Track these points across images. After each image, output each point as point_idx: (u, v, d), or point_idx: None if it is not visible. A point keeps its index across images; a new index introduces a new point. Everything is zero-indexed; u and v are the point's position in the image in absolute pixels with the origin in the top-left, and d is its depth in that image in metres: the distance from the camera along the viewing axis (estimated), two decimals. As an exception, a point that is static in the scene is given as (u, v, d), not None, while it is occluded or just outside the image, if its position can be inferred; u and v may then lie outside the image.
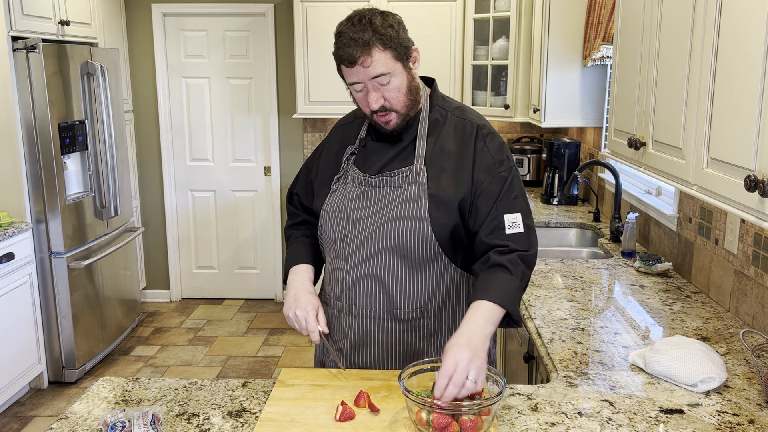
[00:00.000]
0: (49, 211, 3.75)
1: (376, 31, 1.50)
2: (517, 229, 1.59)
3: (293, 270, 1.75)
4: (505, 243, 1.57)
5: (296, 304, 1.66)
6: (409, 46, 1.58)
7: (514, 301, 1.53)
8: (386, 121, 1.61)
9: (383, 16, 1.54)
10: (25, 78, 3.59)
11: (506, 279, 1.53)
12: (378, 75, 1.53)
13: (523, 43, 4.01)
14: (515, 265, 1.55)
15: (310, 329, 1.64)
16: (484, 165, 1.62)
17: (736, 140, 1.40)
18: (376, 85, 1.55)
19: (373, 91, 1.56)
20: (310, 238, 1.83)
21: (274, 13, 4.95)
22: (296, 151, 5.15)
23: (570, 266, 2.67)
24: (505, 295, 1.51)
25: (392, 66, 1.54)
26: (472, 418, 1.34)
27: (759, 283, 1.99)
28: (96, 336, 4.14)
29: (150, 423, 1.36)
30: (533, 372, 2.12)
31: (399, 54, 1.54)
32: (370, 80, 1.54)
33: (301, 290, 1.69)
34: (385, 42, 1.51)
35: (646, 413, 1.50)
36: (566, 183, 3.56)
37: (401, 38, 1.55)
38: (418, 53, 1.62)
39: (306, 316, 1.64)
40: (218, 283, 5.41)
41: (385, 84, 1.55)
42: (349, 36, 1.51)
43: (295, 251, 1.79)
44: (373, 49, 1.50)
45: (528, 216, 1.63)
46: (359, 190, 1.67)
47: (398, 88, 1.56)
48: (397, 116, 1.60)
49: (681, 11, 1.71)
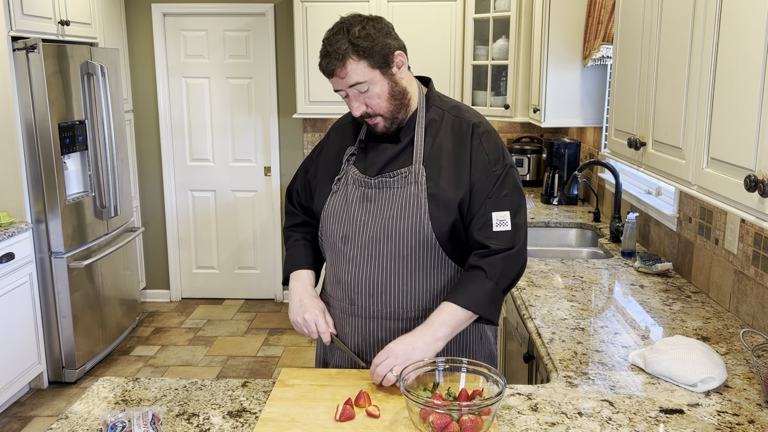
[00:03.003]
0: (49, 211, 3.75)
1: (351, 41, 1.54)
2: (504, 227, 1.61)
3: (294, 275, 1.78)
4: (490, 241, 1.61)
5: (303, 308, 1.69)
6: (390, 52, 1.59)
7: (485, 303, 1.58)
8: (374, 124, 1.66)
9: (363, 25, 1.56)
10: (25, 78, 3.59)
11: (479, 282, 1.59)
12: (354, 84, 1.57)
13: (523, 43, 4.01)
14: (493, 267, 1.59)
15: (321, 331, 1.67)
16: (480, 163, 1.63)
17: (736, 140, 1.40)
18: (356, 93, 1.59)
19: (353, 100, 1.61)
20: (310, 241, 1.84)
21: (274, 13, 4.95)
22: (296, 151, 5.15)
23: (570, 266, 2.67)
24: (472, 298, 1.57)
25: (369, 74, 1.57)
26: (472, 418, 1.34)
27: (759, 283, 1.99)
28: (96, 336, 4.14)
29: (150, 423, 1.36)
30: (533, 372, 2.12)
31: (376, 62, 1.57)
32: (348, 88, 1.59)
33: (306, 295, 1.72)
34: (359, 52, 1.55)
35: (646, 413, 1.50)
36: (566, 183, 3.56)
37: (379, 46, 1.56)
38: (404, 57, 1.63)
39: (315, 319, 1.67)
40: (218, 283, 5.41)
41: (365, 91, 1.59)
42: (326, 49, 1.57)
43: (295, 255, 1.81)
44: (347, 60, 1.55)
45: (518, 215, 1.64)
46: (359, 191, 1.68)
47: (378, 95, 1.60)
48: (383, 120, 1.64)
49: (681, 11, 1.71)
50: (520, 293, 2.34)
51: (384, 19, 1.62)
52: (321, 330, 1.67)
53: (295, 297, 1.73)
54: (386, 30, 1.60)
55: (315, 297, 1.73)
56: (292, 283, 1.76)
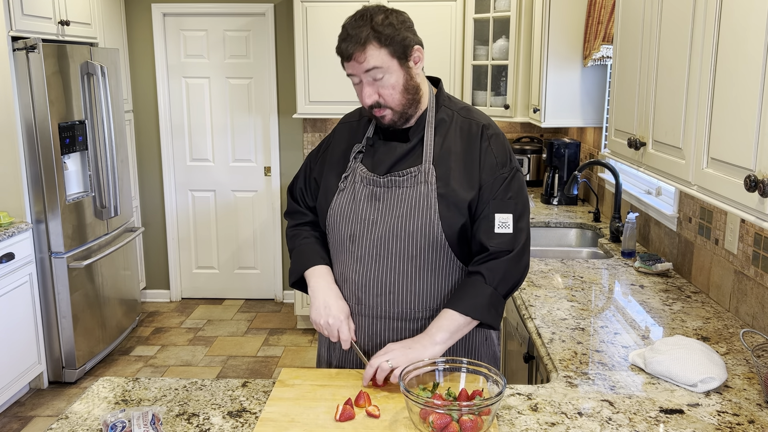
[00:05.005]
0: (49, 211, 3.75)
1: (374, 28, 1.54)
2: (505, 230, 1.62)
3: (313, 272, 1.72)
4: (491, 242, 1.61)
5: (327, 311, 1.65)
6: (410, 45, 1.59)
7: (483, 309, 1.58)
8: (381, 116, 1.63)
9: (386, 14, 1.57)
10: (25, 78, 3.59)
11: (478, 287, 1.59)
12: (371, 68, 1.56)
13: (523, 43, 4.01)
14: (492, 272, 1.60)
15: (343, 339, 1.65)
16: (488, 166, 1.63)
17: (736, 140, 1.40)
18: (370, 79, 1.58)
19: (367, 86, 1.59)
20: (318, 238, 1.80)
21: (274, 13, 4.95)
22: (296, 151, 5.15)
23: (570, 266, 2.67)
24: (471, 304, 1.58)
25: (387, 62, 1.56)
26: (472, 418, 1.34)
27: (759, 283, 1.99)
28: (96, 336, 4.14)
29: (150, 423, 1.36)
30: (533, 372, 2.12)
31: (395, 52, 1.56)
32: (364, 74, 1.57)
33: (331, 296, 1.68)
34: (380, 39, 1.54)
35: (646, 413, 1.50)
36: (566, 183, 3.56)
37: (400, 37, 1.57)
38: (421, 53, 1.63)
39: (339, 325, 1.64)
40: (218, 283, 5.41)
41: (379, 79, 1.57)
42: (347, 32, 1.56)
43: (308, 252, 1.76)
44: (368, 45, 1.54)
45: (521, 219, 1.65)
46: (368, 189, 1.67)
47: (393, 85, 1.59)
48: (392, 113, 1.62)
49: (681, 11, 1.71)
50: (520, 293, 2.34)
51: (406, 14, 1.63)
52: (343, 338, 1.64)
53: (319, 296, 1.68)
54: (408, 24, 1.61)
55: (340, 299, 1.68)
56: (314, 281, 1.71)
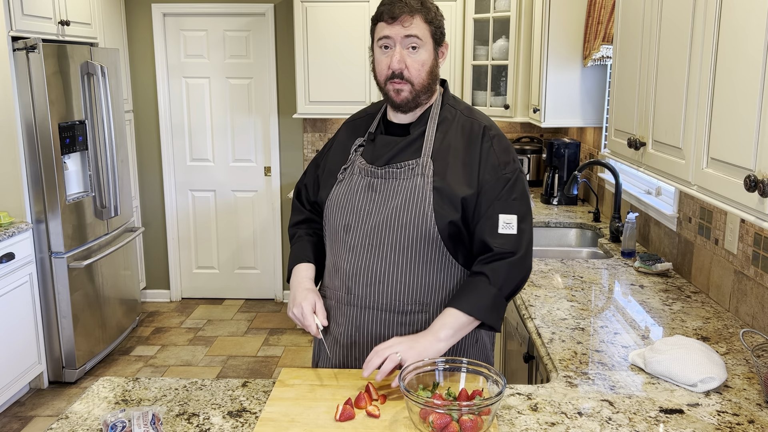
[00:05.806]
0: (49, 211, 3.75)
1: (424, 5, 1.62)
2: (510, 231, 1.62)
3: (294, 270, 1.78)
4: (495, 242, 1.61)
5: (292, 303, 1.70)
6: (443, 36, 1.68)
7: (486, 309, 1.59)
8: (398, 89, 1.64)
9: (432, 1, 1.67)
10: (25, 78, 3.59)
11: (482, 288, 1.59)
12: (412, 35, 1.60)
13: (523, 43, 4.01)
14: (497, 273, 1.60)
15: (307, 324, 1.66)
16: (490, 166, 1.64)
17: (736, 140, 1.40)
18: (406, 46, 1.62)
19: (398, 52, 1.62)
20: (313, 237, 1.85)
21: (274, 13, 4.95)
22: (296, 151, 5.15)
23: (570, 266, 2.67)
24: (474, 304, 1.58)
25: (427, 38, 1.63)
26: (472, 417, 1.34)
27: (759, 283, 1.99)
28: (96, 336, 4.14)
29: (150, 423, 1.37)
30: (533, 372, 2.12)
31: (434, 33, 1.64)
32: (402, 38, 1.60)
33: (298, 288, 1.72)
34: (428, 16, 1.62)
35: (646, 413, 1.51)
36: (566, 183, 3.56)
37: (441, 24, 1.67)
38: (446, 49, 1.71)
39: (301, 311, 1.67)
40: (218, 283, 5.41)
41: (414, 50, 1.62)
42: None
43: (298, 251, 1.82)
44: (417, 15, 1.61)
45: (525, 220, 1.65)
46: (365, 180, 1.69)
47: (423, 62, 1.63)
48: (410, 89, 1.64)
49: (681, 11, 1.71)
50: (520, 293, 2.34)
51: None
52: (306, 323, 1.65)
53: (291, 291, 1.74)
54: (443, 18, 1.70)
55: (306, 289, 1.71)
56: (293, 278, 1.77)
